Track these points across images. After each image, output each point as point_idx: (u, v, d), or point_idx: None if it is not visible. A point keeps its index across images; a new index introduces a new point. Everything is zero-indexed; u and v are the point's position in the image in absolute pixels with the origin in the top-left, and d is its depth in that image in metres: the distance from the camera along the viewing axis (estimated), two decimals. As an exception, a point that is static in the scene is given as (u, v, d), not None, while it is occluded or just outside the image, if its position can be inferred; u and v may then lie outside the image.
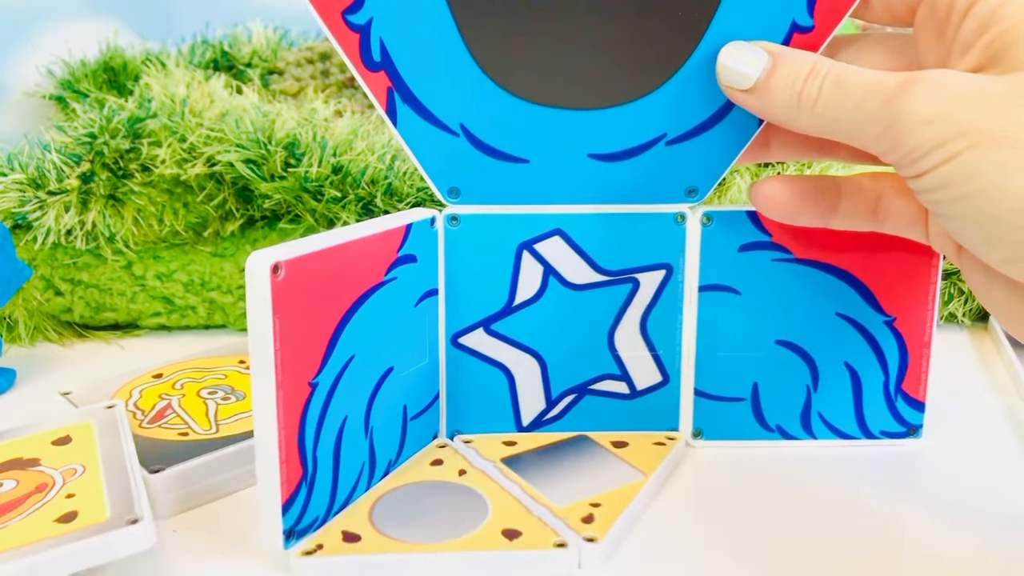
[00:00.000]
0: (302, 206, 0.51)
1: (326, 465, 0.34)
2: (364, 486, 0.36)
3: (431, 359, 0.39)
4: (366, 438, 0.36)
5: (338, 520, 0.34)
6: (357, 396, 0.35)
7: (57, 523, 0.31)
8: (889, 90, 0.29)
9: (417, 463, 0.39)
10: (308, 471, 0.33)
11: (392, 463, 0.38)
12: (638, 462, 0.38)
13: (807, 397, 0.40)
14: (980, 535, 0.35)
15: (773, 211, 0.36)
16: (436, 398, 0.40)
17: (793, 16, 0.34)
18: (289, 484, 0.32)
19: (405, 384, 0.38)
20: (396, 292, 0.36)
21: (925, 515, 0.36)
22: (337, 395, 0.34)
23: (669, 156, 0.37)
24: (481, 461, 0.38)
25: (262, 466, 0.32)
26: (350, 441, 0.35)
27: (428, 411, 0.40)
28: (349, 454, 0.35)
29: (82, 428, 0.38)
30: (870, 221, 0.36)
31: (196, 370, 0.46)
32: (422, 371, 0.39)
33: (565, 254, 0.39)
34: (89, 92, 0.65)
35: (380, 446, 0.37)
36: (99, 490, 0.33)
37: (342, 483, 0.35)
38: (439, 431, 0.41)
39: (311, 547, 0.33)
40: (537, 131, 0.36)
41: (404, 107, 0.36)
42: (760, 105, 0.33)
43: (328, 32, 0.35)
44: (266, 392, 0.31)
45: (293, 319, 0.31)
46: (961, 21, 0.31)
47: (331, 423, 0.34)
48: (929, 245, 0.35)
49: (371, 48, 0.35)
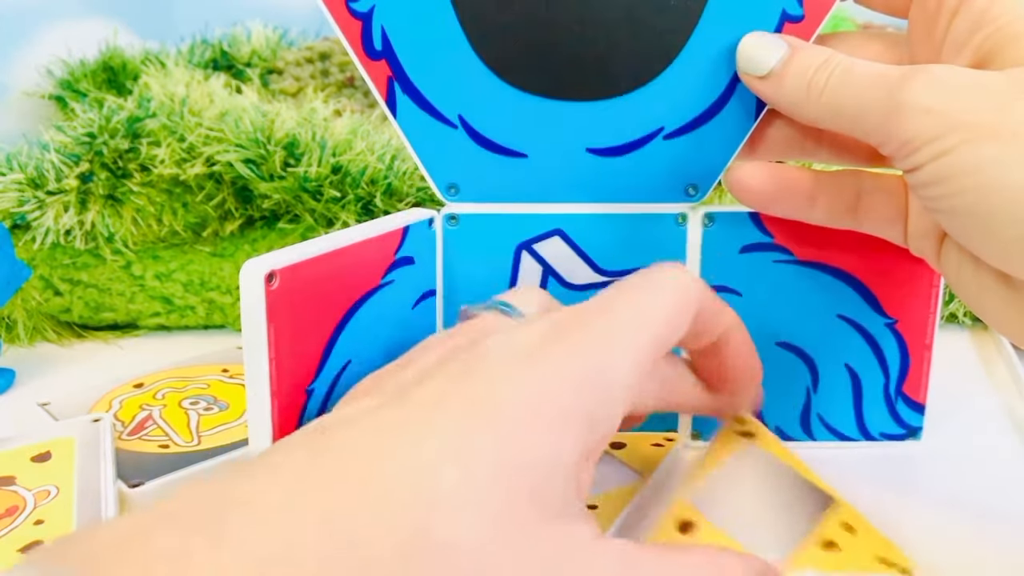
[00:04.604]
0: (301, 206, 0.51)
1: None
2: None
3: None
4: None
5: None
6: None
7: (21, 553, 0.31)
8: (893, 80, 0.30)
9: None
10: None
11: None
12: (636, 463, 0.38)
13: (807, 399, 0.40)
14: (980, 535, 0.35)
15: (747, 196, 0.36)
16: None
17: (784, 6, 0.35)
18: None
19: None
20: (393, 295, 0.36)
21: (924, 516, 0.36)
22: (333, 401, 0.34)
23: (668, 151, 0.37)
24: None
25: None
26: None
27: None
28: None
29: (63, 444, 0.38)
30: (849, 218, 0.36)
31: (178, 379, 0.45)
32: None
33: (565, 255, 0.39)
34: (88, 92, 0.64)
35: None
36: (69, 518, 0.33)
37: None
38: None
39: None
40: (535, 123, 0.36)
41: (404, 97, 0.36)
42: (772, 92, 0.34)
43: (331, 19, 0.35)
44: (261, 401, 0.31)
45: (288, 327, 0.31)
46: (951, 19, 0.31)
47: None
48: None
49: (372, 36, 0.35)
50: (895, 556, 0.32)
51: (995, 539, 0.34)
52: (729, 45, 0.35)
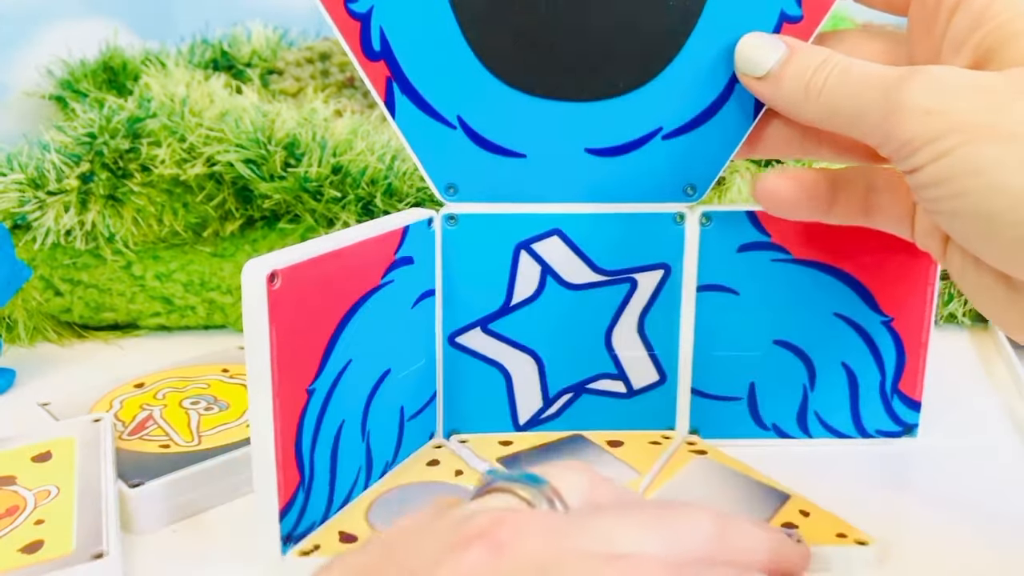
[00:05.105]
0: (302, 206, 0.51)
1: (323, 470, 0.34)
2: (361, 488, 0.36)
3: (428, 359, 0.39)
4: (363, 441, 0.36)
5: (335, 521, 0.34)
6: (354, 400, 0.35)
7: (21, 552, 0.31)
8: (891, 80, 0.30)
9: (414, 464, 0.39)
10: (305, 477, 0.33)
11: (389, 464, 0.38)
12: (633, 461, 0.39)
13: (804, 397, 0.40)
14: (974, 532, 0.35)
15: (776, 206, 0.36)
16: (433, 398, 0.40)
17: (782, 6, 0.35)
18: (287, 490, 0.32)
19: (402, 385, 0.38)
20: (393, 295, 0.36)
21: (919, 513, 0.36)
22: (334, 400, 0.34)
23: (666, 151, 0.37)
24: (477, 462, 0.39)
25: (259, 473, 0.32)
26: (347, 445, 0.35)
27: (425, 411, 0.40)
28: (346, 458, 0.35)
29: (64, 443, 0.38)
30: (861, 216, 0.36)
31: (178, 379, 0.45)
32: (419, 371, 0.39)
33: (563, 254, 0.39)
34: (89, 92, 0.64)
35: (377, 448, 0.37)
36: (69, 518, 0.33)
37: (339, 487, 0.35)
38: (436, 430, 0.41)
39: (308, 547, 0.33)
40: (533, 124, 0.36)
41: (403, 98, 0.36)
42: (770, 93, 0.34)
43: (330, 20, 0.35)
44: (263, 400, 0.31)
45: (290, 327, 0.31)
46: (950, 18, 0.31)
47: (328, 428, 0.34)
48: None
49: (371, 37, 0.35)
50: (852, 532, 0.33)
51: (989, 536, 0.35)
52: (727, 46, 0.35)
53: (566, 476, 0.26)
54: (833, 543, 0.33)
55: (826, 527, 0.34)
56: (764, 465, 0.39)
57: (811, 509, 0.35)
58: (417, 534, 0.24)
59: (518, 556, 0.22)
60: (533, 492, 0.25)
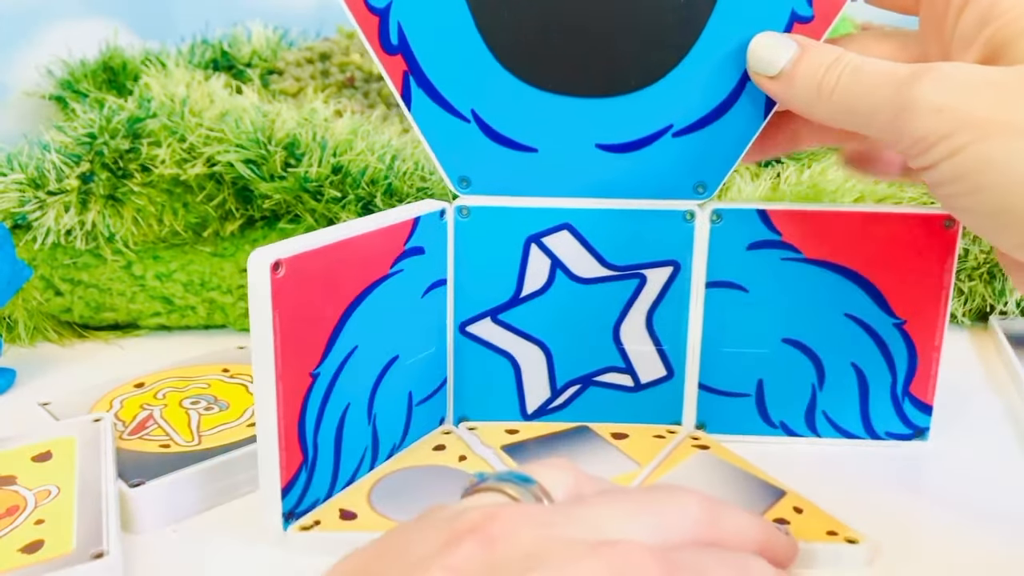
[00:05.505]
0: (302, 206, 0.51)
1: (327, 450, 0.34)
2: (366, 469, 0.37)
3: (438, 347, 0.40)
4: (369, 424, 0.36)
5: (337, 499, 0.35)
6: (360, 384, 0.36)
7: (21, 552, 0.31)
8: (903, 78, 0.30)
9: (420, 448, 0.39)
10: (308, 456, 0.33)
11: (396, 447, 0.38)
12: (635, 453, 0.39)
13: (812, 396, 0.40)
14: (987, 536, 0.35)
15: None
16: (443, 384, 0.41)
17: (793, 6, 0.35)
18: (288, 469, 0.33)
19: (410, 372, 0.38)
20: (402, 284, 0.37)
21: (930, 516, 0.36)
22: (339, 384, 0.34)
23: (676, 149, 0.37)
24: (482, 448, 0.39)
25: (263, 452, 0.32)
26: (352, 427, 0.36)
27: (435, 397, 0.40)
28: (351, 439, 0.36)
29: (64, 443, 0.38)
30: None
31: (179, 379, 0.45)
32: (429, 358, 0.39)
33: (573, 248, 0.39)
34: (89, 92, 0.64)
35: (383, 431, 0.37)
36: (69, 518, 0.33)
37: (343, 467, 0.35)
38: (446, 416, 0.41)
39: (308, 523, 0.33)
40: (545, 119, 0.37)
41: (419, 91, 0.36)
42: (783, 92, 0.34)
43: (350, 14, 0.35)
44: (266, 383, 0.32)
45: (293, 314, 0.32)
46: (959, 16, 0.31)
47: (333, 410, 0.34)
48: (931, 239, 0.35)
49: (389, 31, 0.36)
50: (843, 530, 0.33)
51: (1002, 540, 0.34)
52: (739, 44, 0.35)
53: (552, 474, 0.27)
54: (822, 540, 0.33)
55: (817, 524, 0.34)
56: (770, 462, 0.38)
57: (805, 506, 0.35)
58: (411, 533, 0.25)
59: (509, 549, 0.23)
60: (521, 490, 0.26)
